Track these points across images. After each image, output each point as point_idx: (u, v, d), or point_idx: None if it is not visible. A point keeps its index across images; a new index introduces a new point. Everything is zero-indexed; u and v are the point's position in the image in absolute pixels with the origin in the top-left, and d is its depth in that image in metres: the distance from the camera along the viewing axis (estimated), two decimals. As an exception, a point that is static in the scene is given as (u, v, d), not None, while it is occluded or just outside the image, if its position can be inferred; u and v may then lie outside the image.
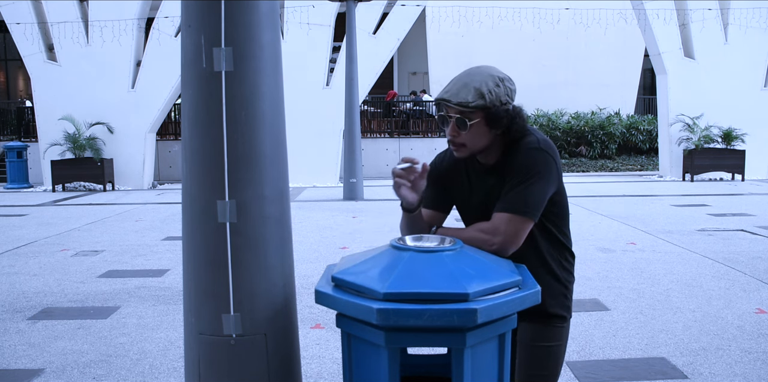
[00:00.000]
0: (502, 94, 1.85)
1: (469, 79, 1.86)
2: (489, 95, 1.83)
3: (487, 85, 1.84)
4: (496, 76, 1.86)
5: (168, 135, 16.41)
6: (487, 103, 1.83)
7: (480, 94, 1.82)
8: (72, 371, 3.55)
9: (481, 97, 1.82)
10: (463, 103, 1.82)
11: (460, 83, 1.85)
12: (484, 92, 1.82)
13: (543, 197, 1.87)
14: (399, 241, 1.72)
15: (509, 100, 1.87)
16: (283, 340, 1.78)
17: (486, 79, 1.85)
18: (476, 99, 1.82)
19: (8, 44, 18.91)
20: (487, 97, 1.82)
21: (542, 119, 17.57)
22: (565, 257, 2.02)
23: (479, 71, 1.88)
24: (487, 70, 1.88)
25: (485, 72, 1.87)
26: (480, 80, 1.84)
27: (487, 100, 1.82)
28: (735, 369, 3.42)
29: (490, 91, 1.83)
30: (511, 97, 1.88)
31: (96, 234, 7.94)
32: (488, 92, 1.83)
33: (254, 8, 1.67)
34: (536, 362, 1.98)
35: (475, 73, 1.87)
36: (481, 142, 1.89)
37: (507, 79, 1.89)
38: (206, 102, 1.67)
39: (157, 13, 13.24)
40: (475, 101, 1.82)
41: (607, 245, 6.72)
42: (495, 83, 1.85)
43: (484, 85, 1.83)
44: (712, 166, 13.62)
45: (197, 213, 1.71)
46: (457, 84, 1.86)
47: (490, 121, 1.85)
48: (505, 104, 1.86)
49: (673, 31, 13.82)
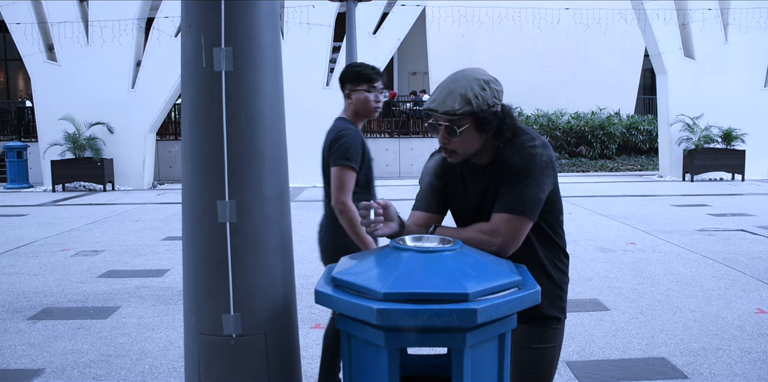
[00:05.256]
0: (489, 97, 1.83)
1: (453, 85, 1.84)
2: (475, 100, 1.81)
3: (473, 89, 1.81)
4: (480, 79, 1.84)
5: (168, 135, 16.41)
6: (474, 108, 1.81)
7: (466, 100, 1.81)
8: (72, 371, 3.55)
9: (467, 103, 1.81)
10: (450, 112, 1.81)
11: (446, 91, 1.83)
12: (470, 98, 1.81)
13: (541, 196, 1.86)
14: (399, 241, 1.72)
15: (497, 102, 1.85)
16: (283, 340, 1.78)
17: (471, 84, 1.82)
18: (463, 106, 1.81)
19: (8, 44, 18.91)
20: (473, 103, 1.81)
21: (542, 119, 17.57)
22: (559, 258, 2.01)
23: (464, 76, 1.85)
24: (472, 74, 1.86)
25: (469, 76, 1.85)
26: (465, 85, 1.82)
27: (474, 106, 1.81)
28: (735, 369, 3.42)
29: (476, 96, 1.81)
30: (499, 98, 1.87)
31: (96, 234, 7.94)
32: (474, 97, 1.81)
33: (254, 8, 1.67)
34: (530, 364, 1.97)
35: (459, 79, 1.85)
36: (473, 147, 1.89)
37: (492, 81, 1.86)
38: (206, 102, 1.67)
39: (157, 13, 13.24)
40: (462, 108, 1.81)
41: (607, 245, 6.72)
42: (480, 87, 1.82)
43: (470, 91, 1.81)
44: (712, 166, 13.62)
45: (197, 213, 1.71)
46: (443, 92, 1.84)
47: (480, 125, 1.84)
48: (493, 106, 1.84)
49: (673, 31, 13.82)
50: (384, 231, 1.85)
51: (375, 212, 1.81)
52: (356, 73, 2.88)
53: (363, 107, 2.88)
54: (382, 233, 1.85)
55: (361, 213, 1.83)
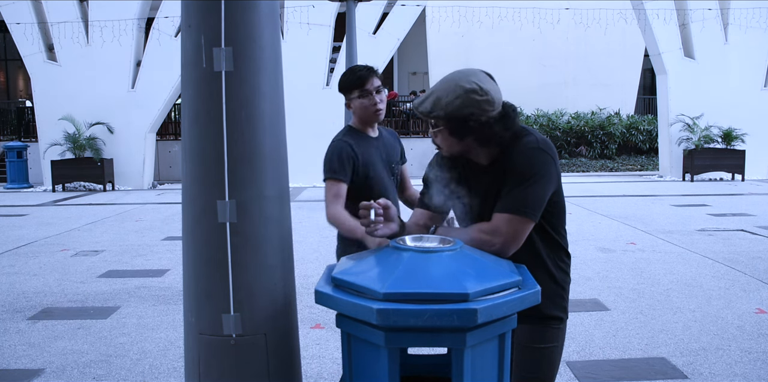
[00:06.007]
0: (462, 107, 1.78)
1: (439, 86, 1.84)
2: (446, 108, 1.80)
3: (447, 96, 1.80)
4: (464, 87, 1.79)
5: (168, 135, 16.41)
6: (443, 115, 1.81)
7: (439, 105, 1.81)
8: (72, 371, 3.55)
9: (440, 109, 1.81)
10: (424, 113, 1.84)
11: (431, 90, 1.85)
12: (442, 104, 1.80)
13: (543, 197, 1.86)
14: (399, 241, 1.72)
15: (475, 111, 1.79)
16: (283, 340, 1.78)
17: (451, 90, 1.80)
18: (435, 110, 1.82)
19: (8, 44, 18.90)
20: (444, 110, 1.80)
21: (542, 119, 17.56)
22: (561, 258, 2.01)
23: (452, 79, 1.83)
24: (460, 79, 1.82)
25: (457, 80, 1.82)
26: (444, 89, 1.81)
27: (443, 113, 1.80)
28: (735, 369, 3.42)
29: (448, 104, 1.79)
30: (481, 108, 1.79)
31: (96, 234, 7.94)
32: (446, 105, 1.80)
33: (254, 8, 1.67)
34: (531, 364, 1.96)
35: (447, 81, 1.84)
36: (453, 148, 1.90)
37: (476, 91, 1.78)
38: (206, 102, 1.67)
39: (157, 13, 13.24)
40: (434, 112, 1.82)
41: (607, 245, 6.72)
42: (456, 95, 1.78)
43: (444, 97, 1.80)
44: (712, 166, 13.62)
45: (197, 213, 1.71)
46: (429, 91, 1.86)
47: (452, 131, 1.84)
48: (470, 115, 1.79)
49: (673, 31, 13.82)
50: (384, 231, 1.85)
51: (375, 212, 1.81)
52: (345, 82, 2.78)
53: (363, 114, 2.79)
54: (382, 234, 1.85)
55: (361, 213, 1.82)
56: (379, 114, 2.78)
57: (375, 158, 2.80)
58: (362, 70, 2.76)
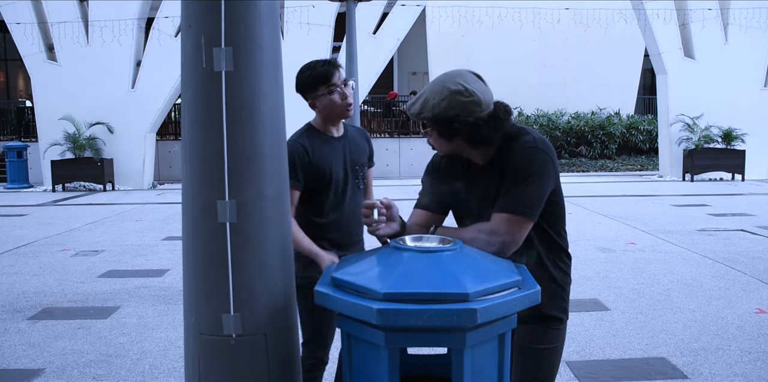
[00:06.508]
0: (448, 108, 1.79)
1: (429, 87, 1.86)
2: (433, 109, 1.81)
3: (434, 98, 1.81)
4: (449, 88, 1.80)
5: (168, 135, 16.40)
6: (431, 116, 1.82)
7: (426, 107, 1.83)
8: (72, 371, 3.55)
9: (428, 110, 1.82)
10: (414, 115, 1.86)
11: (422, 92, 1.88)
12: (429, 106, 1.82)
13: (541, 196, 1.86)
14: (399, 241, 1.72)
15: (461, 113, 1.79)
16: (283, 340, 1.78)
17: (438, 92, 1.81)
18: (423, 111, 1.84)
19: (8, 44, 18.90)
20: (430, 112, 1.82)
21: (542, 119, 17.56)
22: (561, 258, 2.01)
23: (440, 80, 1.84)
24: (450, 79, 1.83)
25: (444, 82, 1.83)
26: (432, 91, 1.83)
27: (431, 115, 1.82)
28: (735, 369, 3.42)
29: (434, 105, 1.81)
30: (467, 109, 1.79)
31: (96, 234, 7.94)
32: (432, 106, 1.81)
33: (254, 8, 1.67)
34: (531, 365, 1.96)
35: (436, 82, 1.85)
36: (444, 148, 1.92)
37: (461, 92, 1.79)
38: (206, 102, 1.67)
39: (157, 13, 13.24)
40: (422, 114, 1.84)
41: (607, 245, 6.72)
42: (442, 97, 1.80)
43: (432, 99, 1.82)
44: (712, 166, 13.62)
45: (197, 213, 1.71)
46: (420, 93, 1.89)
47: (441, 132, 1.86)
48: (456, 117, 1.80)
49: (673, 31, 13.82)
50: (385, 231, 1.85)
51: (378, 211, 1.81)
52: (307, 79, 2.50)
53: (332, 111, 2.55)
54: (384, 233, 1.85)
55: (363, 212, 1.83)
56: (349, 109, 2.55)
57: (334, 160, 2.57)
58: (324, 65, 2.50)
